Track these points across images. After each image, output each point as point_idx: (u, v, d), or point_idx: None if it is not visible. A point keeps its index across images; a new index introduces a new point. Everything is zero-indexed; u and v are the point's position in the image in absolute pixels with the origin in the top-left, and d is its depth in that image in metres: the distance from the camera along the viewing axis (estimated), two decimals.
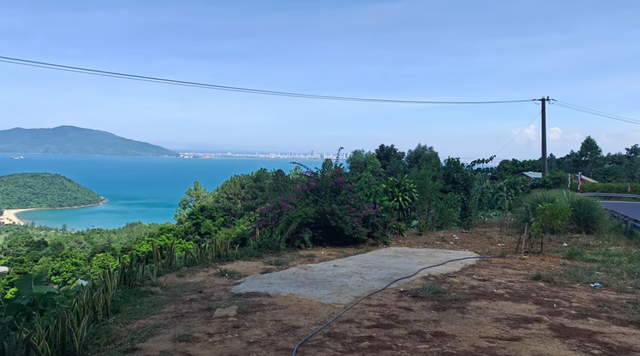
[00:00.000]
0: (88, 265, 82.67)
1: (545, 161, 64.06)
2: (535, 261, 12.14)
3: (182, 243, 75.94)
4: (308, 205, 13.51)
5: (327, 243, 14.12)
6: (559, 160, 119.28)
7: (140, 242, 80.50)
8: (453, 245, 15.40)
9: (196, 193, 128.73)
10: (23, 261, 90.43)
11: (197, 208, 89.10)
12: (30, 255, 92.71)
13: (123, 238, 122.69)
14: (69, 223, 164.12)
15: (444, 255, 12.76)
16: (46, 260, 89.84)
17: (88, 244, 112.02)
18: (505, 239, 16.83)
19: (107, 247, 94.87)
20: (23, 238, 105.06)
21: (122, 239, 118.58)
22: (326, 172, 15.32)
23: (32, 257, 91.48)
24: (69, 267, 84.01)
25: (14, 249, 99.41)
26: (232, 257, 11.27)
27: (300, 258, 11.90)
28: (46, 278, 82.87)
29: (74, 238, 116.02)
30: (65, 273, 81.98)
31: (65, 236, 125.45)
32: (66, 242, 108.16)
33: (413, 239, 16.74)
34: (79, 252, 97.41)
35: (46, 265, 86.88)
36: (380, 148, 67.97)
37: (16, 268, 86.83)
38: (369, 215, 14.56)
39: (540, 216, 13.19)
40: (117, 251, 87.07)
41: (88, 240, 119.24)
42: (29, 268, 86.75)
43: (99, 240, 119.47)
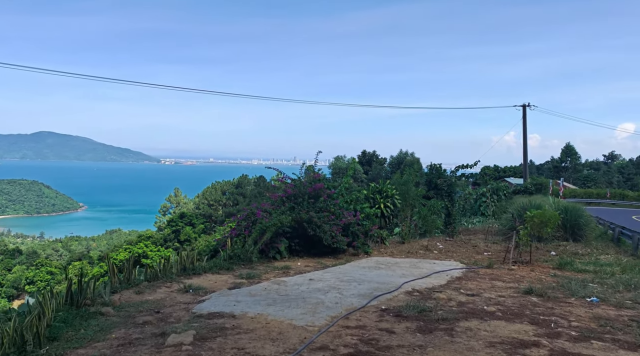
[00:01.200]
0: (64, 273, 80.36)
1: (526, 167, 64.13)
2: (525, 272, 11.44)
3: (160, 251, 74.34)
4: (284, 213, 12.65)
5: (304, 254, 13.26)
6: (539, 166, 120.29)
7: (117, 250, 78.57)
8: (437, 254, 14.66)
9: (176, 199, 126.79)
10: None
11: (177, 215, 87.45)
12: (3, 263, 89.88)
13: (102, 245, 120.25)
14: (47, 231, 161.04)
15: (429, 265, 11.99)
16: (20, 268, 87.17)
17: (66, 252, 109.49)
18: (491, 247, 16.16)
19: (85, 255, 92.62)
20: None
21: (102, 246, 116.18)
22: (304, 178, 14.48)
23: (6, 266, 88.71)
24: (43, 276, 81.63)
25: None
26: (200, 269, 10.34)
27: (275, 271, 11.02)
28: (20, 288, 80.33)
29: (51, 246, 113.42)
30: (39, 282, 79.59)
31: (43, 244, 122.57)
32: (43, 250, 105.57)
33: (396, 248, 15.98)
34: (56, 260, 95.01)
35: (20, 274, 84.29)
36: (362, 154, 67.34)
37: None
38: (349, 223, 13.76)
39: (529, 224, 12.52)
40: (94, 259, 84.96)
41: (66, 247, 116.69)
42: (1, 278, 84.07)
43: (78, 248, 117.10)
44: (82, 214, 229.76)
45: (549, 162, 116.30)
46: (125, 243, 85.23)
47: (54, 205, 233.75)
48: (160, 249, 75.75)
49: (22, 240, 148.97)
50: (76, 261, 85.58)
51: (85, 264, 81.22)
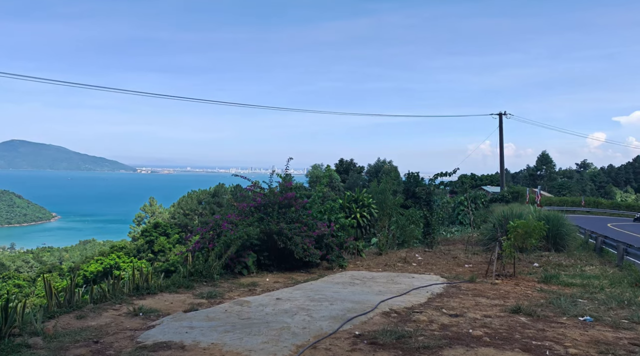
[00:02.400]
0: (32, 286, 77.55)
1: (503, 175, 64.30)
2: (509, 286, 10.71)
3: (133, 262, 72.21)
4: (251, 225, 11.70)
5: (274, 268, 12.32)
6: (514, 174, 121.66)
7: (88, 262, 76.18)
8: (416, 267, 13.88)
9: (151, 209, 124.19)
10: None
11: (151, 225, 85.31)
12: None
13: (75, 256, 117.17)
14: (18, 242, 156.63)
15: (407, 280, 11.17)
16: None
17: (37, 263, 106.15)
18: (472, 259, 15.46)
19: (55, 267, 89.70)
20: None
21: (75, 257, 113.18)
22: (276, 186, 13.56)
23: None
24: (10, 289, 78.60)
25: None
26: (156, 288, 9.31)
27: (240, 288, 10.05)
28: None
29: (22, 257, 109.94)
30: (5, 295, 76.54)
31: (13, 255, 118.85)
32: (12, 262, 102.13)
33: (372, 260, 15.15)
34: (26, 273, 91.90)
35: None
36: (340, 162, 66.66)
37: None
38: (323, 235, 12.87)
39: (512, 234, 11.82)
40: (65, 271, 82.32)
41: (37, 259, 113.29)
42: None
43: (50, 259, 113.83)
44: (56, 224, 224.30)
45: (524, 170, 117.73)
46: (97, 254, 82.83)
47: (25, 215, 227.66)
48: (133, 260, 73.65)
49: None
50: (46, 273, 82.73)
51: (55, 276, 78.51)
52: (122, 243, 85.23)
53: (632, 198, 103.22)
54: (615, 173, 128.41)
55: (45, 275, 78.61)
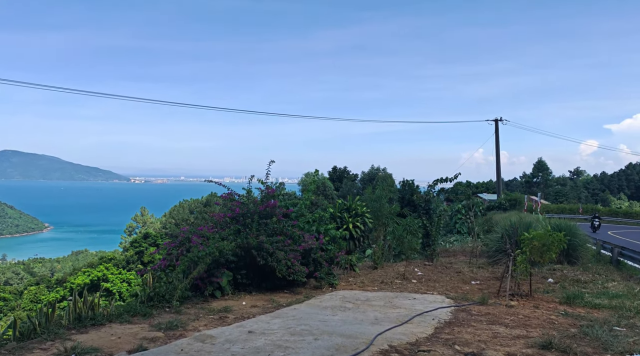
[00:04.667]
0: (19, 299, 75.32)
1: (500, 182, 62.92)
2: (528, 309, 9.12)
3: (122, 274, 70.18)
4: (225, 239, 10.06)
5: (253, 288, 10.67)
6: (508, 182, 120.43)
7: (76, 274, 74.08)
8: (416, 284, 12.27)
9: (143, 219, 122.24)
10: None
11: (141, 236, 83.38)
12: None
13: (67, 267, 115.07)
14: (10, 253, 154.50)
15: (408, 303, 9.55)
16: None
17: (27, 275, 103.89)
18: (479, 274, 13.87)
19: (43, 279, 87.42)
20: None
21: (67, 268, 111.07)
22: (258, 194, 11.95)
23: None
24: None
25: None
26: (103, 318, 7.64)
27: (209, 316, 8.40)
28: None
29: (12, 269, 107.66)
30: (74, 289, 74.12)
31: (3, 266, 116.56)
32: (2, 273, 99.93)
33: (367, 276, 13.53)
34: (16, 284, 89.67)
35: None
36: (333, 170, 65.05)
37: None
38: (311, 249, 11.24)
39: (527, 247, 10.25)
40: (52, 283, 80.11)
41: (27, 270, 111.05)
42: None
43: (41, 270, 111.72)
44: (48, 235, 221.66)
45: (521, 177, 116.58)
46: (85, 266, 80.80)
47: (17, 226, 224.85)
48: (122, 272, 71.70)
49: None
50: (33, 285, 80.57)
51: (42, 288, 76.40)
52: (110, 255, 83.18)
53: (625, 205, 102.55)
54: (608, 181, 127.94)
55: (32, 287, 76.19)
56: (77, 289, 61.62)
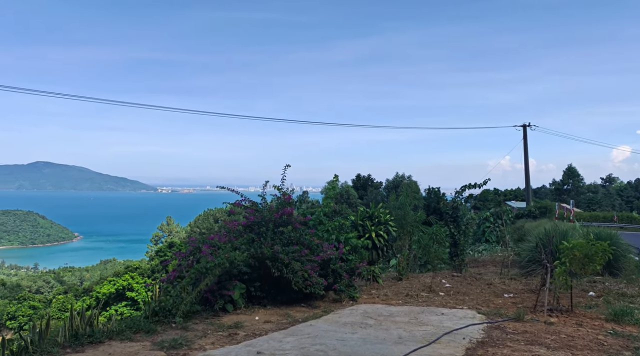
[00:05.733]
0: (48, 307, 76.46)
1: (529, 189, 61.12)
2: (570, 327, 8.19)
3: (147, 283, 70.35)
4: (237, 248, 9.42)
5: (268, 301, 9.98)
6: (536, 189, 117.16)
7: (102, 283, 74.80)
8: (444, 297, 11.40)
9: (168, 228, 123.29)
10: None
11: (166, 245, 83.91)
12: None
13: (96, 276, 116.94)
14: (41, 262, 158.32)
15: (435, 318, 8.73)
16: (2, 303, 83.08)
17: (57, 284, 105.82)
18: (511, 286, 12.89)
19: (71, 288, 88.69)
20: None
21: (95, 277, 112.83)
22: (272, 200, 11.30)
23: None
24: (25, 311, 77.54)
25: None
26: (102, 335, 7.07)
27: (217, 332, 7.75)
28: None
29: (43, 278, 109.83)
30: (21, 317, 75.50)
31: (34, 275, 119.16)
32: (34, 282, 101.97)
33: (391, 287, 12.71)
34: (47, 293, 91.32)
35: (2, 308, 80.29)
36: (357, 177, 64.17)
37: None
38: (329, 259, 10.52)
39: (567, 258, 9.31)
40: (80, 292, 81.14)
41: (58, 279, 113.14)
42: None
43: (71, 279, 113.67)
44: (78, 244, 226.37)
45: (550, 184, 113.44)
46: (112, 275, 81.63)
47: (49, 236, 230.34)
48: (147, 281, 72.08)
49: (15, 271, 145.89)
50: (61, 294, 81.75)
51: (70, 297, 77.43)
52: (135, 264, 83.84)
53: None
54: None
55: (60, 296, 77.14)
56: (103, 298, 62.11)
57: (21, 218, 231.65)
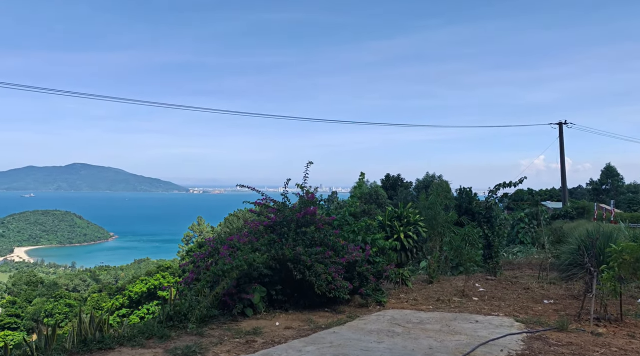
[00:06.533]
0: (83, 305, 78.21)
1: (565, 189, 59.01)
2: (621, 339, 7.41)
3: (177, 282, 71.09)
4: (257, 250, 8.96)
5: (290, 306, 9.49)
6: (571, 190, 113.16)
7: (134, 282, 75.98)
8: (478, 302, 10.68)
9: (199, 228, 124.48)
10: (15, 302, 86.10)
11: (196, 245, 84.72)
12: (24, 295, 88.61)
13: (130, 275, 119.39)
14: (78, 260, 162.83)
15: (469, 327, 8.06)
16: (40, 300, 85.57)
17: (93, 282, 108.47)
18: (551, 291, 12.05)
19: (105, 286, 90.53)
20: (27, 276, 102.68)
21: (129, 276, 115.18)
22: (297, 201, 10.80)
23: (27, 297, 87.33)
24: (61, 309, 79.58)
25: (18, 288, 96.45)
26: (113, 341, 6.69)
27: (234, 339, 7.28)
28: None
29: (79, 276, 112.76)
30: (58, 315, 77.58)
31: (72, 274, 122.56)
32: (71, 280, 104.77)
33: (421, 291, 12.06)
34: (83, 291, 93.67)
35: (40, 306, 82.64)
36: (386, 177, 63.14)
37: (8, 309, 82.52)
38: (355, 261, 9.95)
39: (616, 262, 8.51)
40: (114, 290, 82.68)
41: (93, 277, 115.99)
42: (20, 310, 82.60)
43: (106, 278, 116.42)
44: (113, 244, 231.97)
45: (587, 184, 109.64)
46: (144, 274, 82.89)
47: (85, 235, 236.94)
48: (177, 280, 72.80)
49: (54, 269, 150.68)
50: (96, 292, 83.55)
51: (104, 295, 79.00)
52: (167, 263, 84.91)
53: None
54: None
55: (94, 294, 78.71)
56: (135, 297, 62.82)
57: (59, 219, 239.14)
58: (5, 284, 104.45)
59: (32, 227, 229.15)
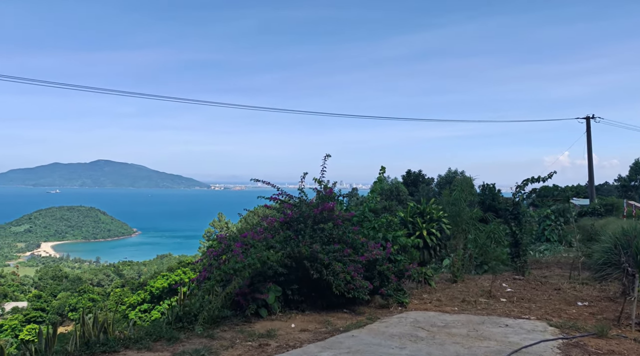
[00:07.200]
0: (107, 300, 79.29)
1: (593, 185, 57.29)
2: None
3: None
4: (271, 247, 8.51)
5: (307, 306, 9.02)
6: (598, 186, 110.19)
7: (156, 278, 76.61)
8: (506, 304, 10.07)
9: (220, 224, 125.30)
10: (41, 296, 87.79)
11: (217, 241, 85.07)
12: (49, 289, 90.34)
13: (152, 270, 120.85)
14: (103, 255, 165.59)
15: (499, 331, 7.49)
16: (65, 295, 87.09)
17: (116, 277, 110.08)
18: (584, 292, 11.34)
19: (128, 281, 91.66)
20: (53, 271, 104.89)
21: (152, 271, 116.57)
22: (315, 197, 10.33)
23: (52, 292, 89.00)
24: (85, 303, 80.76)
25: (44, 282, 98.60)
26: (118, 343, 6.32)
27: (246, 343, 6.85)
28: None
29: (103, 271, 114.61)
30: (81, 309, 78.62)
31: (96, 269, 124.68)
32: (95, 275, 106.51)
33: (445, 291, 11.48)
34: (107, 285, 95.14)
35: (64, 300, 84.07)
36: (407, 173, 62.17)
37: (34, 303, 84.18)
38: (376, 260, 9.43)
39: None
40: (136, 285, 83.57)
41: (117, 272, 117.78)
42: (46, 304, 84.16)
43: (129, 273, 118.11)
44: (136, 239, 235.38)
45: (616, 180, 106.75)
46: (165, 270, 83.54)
47: (109, 231, 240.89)
48: None
49: (79, 264, 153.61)
50: (119, 287, 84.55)
51: (126, 291, 79.87)
52: (188, 259, 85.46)
53: None
54: None
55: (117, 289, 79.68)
56: (157, 292, 63.22)
57: (84, 214, 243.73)
58: (32, 278, 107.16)
59: (58, 222, 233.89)
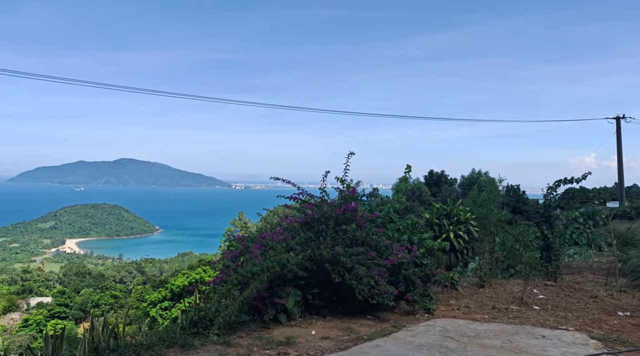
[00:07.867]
0: (129, 297, 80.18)
1: (622, 188, 55.53)
2: None
3: None
4: (292, 249, 8.09)
5: (328, 311, 8.57)
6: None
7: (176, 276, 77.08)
8: (540, 312, 9.46)
9: (240, 223, 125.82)
10: (64, 292, 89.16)
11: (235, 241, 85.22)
12: (73, 285, 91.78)
13: (174, 268, 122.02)
14: (125, 253, 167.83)
15: (536, 343, 6.92)
16: (87, 291, 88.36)
17: (138, 274, 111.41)
18: (623, 300, 10.65)
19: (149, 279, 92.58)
20: (77, 267, 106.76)
21: (173, 269, 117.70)
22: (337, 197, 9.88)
23: (75, 288, 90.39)
24: (107, 300, 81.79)
25: (68, 278, 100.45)
26: (127, 349, 5.96)
27: (264, 351, 6.43)
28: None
29: (126, 268, 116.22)
30: (104, 306, 79.78)
31: (119, 265, 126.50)
32: (118, 272, 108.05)
33: (472, 297, 10.91)
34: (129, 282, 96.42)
35: (87, 296, 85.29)
36: (430, 174, 61.15)
37: (57, 299, 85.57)
38: (401, 264, 8.93)
39: None
40: (157, 283, 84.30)
41: (139, 269, 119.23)
42: (69, 300, 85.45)
43: (151, 270, 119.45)
44: (158, 237, 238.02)
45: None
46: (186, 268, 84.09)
47: (132, 228, 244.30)
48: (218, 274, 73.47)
49: (102, 261, 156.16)
50: (140, 285, 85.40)
51: (148, 288, 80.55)
52: (209, 257, 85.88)
53: None
54: None
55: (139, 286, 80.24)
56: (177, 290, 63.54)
57: (108, 212, 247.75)
58: (57, 274, 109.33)
59: (82, 219, 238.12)
